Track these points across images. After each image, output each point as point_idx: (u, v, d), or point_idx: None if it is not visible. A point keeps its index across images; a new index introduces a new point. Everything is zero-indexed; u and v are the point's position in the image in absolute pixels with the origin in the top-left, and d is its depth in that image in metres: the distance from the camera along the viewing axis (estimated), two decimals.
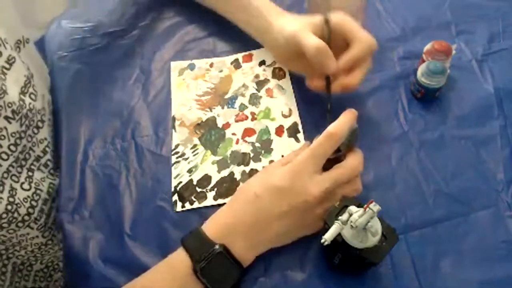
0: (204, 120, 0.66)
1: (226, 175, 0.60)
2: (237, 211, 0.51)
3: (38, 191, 0.62)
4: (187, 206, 0.58)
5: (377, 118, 0.65)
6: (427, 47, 0.65)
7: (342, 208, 0.48)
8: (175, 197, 0.59)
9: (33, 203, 0.62)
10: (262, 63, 0.71)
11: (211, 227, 0.51)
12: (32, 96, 0.62)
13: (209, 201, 0.58)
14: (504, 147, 0.61)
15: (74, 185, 0.62)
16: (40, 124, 0.63)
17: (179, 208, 0.59)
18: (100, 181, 0.62)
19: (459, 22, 0.73)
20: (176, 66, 0.72)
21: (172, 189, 0.60)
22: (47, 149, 0.65)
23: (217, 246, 0.48)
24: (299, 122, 0.64)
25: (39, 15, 0.67)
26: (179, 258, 0.49)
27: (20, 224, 0.60)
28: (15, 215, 0.59)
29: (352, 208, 0.45)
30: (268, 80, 0.69)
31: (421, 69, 0.63)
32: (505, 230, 0.55)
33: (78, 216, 0.60)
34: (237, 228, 0.50)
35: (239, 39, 0.74)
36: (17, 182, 0.60)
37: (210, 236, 0.49)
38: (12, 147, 0.57)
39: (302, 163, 0.50)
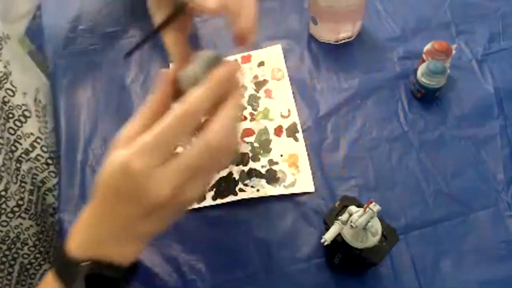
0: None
1: (224, 175, 0.60)
2: (93, 214, 0.41)
3: (23, 184, 0.63)
4: None
5: (377, 118, 0.64)
6: (427, 47, 0.65)
7: (342, 208, 0.48)
8: None
9: (21, 195, 0.62)
10: (261, 64, 0.71)
11: (74, 241, 0.41)
12: (9, 92, 0.61)
13: (208, 201, 0.58)
14: (504, 147, 0.61)
15: (74, 185, 0.62)
16: (22, 118, 0.63)
17: None
18: None
19: (459, 22, 0.73)
20: None
21: None
22: (35, 144, 0.65)
23: (83, 264, 0.39)
24: (298, 122, 0.64)
25: (15, 9, 0.66)
26: (51, 285, 0.41)
27: (10, 215, 0.61)
28: (3, 206, 0.59)
29: (352, 208, 0.45)
30: (267, 81, 0.69)
31: (421, 69, 0.63)
32: (505, 230, 0.55)
33: (78, 216, 0.60)
34: (99, 232, 0.40)
35: None
36: (9, 174, 0.60)
37: (75, 251, 0.39)
38: (0, 140, 0.58)
39: (137, 157, 0.35)
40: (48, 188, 0.68)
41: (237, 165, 0.61)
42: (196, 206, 0.58)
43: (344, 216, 0.45)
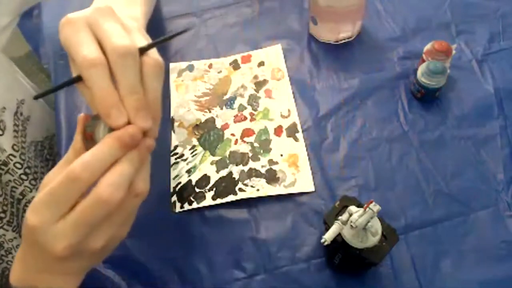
0: (203, 121, 0.66)
1: (224, 175, 0.60)
2: (21, 252, 0.42)
3: (5, 196, 0.62)
4: (186, 206, 0.58)
5: (377, 118, 0.64)
6: (427, 47, 0.65)
7: (342, 208, 0.48)
8: (174, 198, 0.59)
9: (4, 207, 0.61)
10: (261, 64, 0.71)
11: (15, 270, 0.42)
12: None
13: (208, 201, 0.58)
14: (504, 147, 0.61)
15: None
16: None
17: (178, 209, 0.58)
18: None
19: (459, 22, 0.73)
20: (174, 67, 0.72)
21: (171, 190, 0.60)
22: (9, 159, 0.63)
23: None
24: (298, 122, 0.64)
25: None
26: None
27: None
28: None
29: (352, 208, 0.45)
30: (267, 81, 0.69)
31: (421, 69, 0.63)
32: (505, 230, 0.55)
33: None
34: (29, 266, 0.41)
35: (238, 39, 0.74)
36: None
37: (15, 281, 0.41)
38: None
39: (32, 213, 0.36)
40: (28, 201, 0.67)
41: (237, 165, 0.61)
42: (196, 206, 0.58)
43: (344, 216, 0.45)
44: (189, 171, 0.61)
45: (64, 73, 0.73)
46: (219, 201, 0.58)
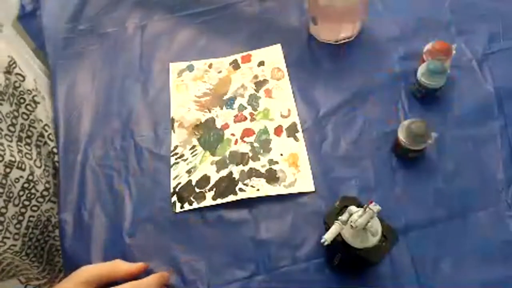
0: (203, 121, 0.66)
1: (224, 175, 0.60)
2: None
3: (47, 168, 0.63)
4: (186, 206, 0.58)
5: (377, 118, 0.64)
6: (427, 47, 0.65)
7: (342, 208, 0.47)
8: (174, 198, 0.59)
9: (47, 178, 0.62)
10: (261, 63, 0.71)
11: None
12: (19, 77, 0.62)
13: (208, 201, 0.58)
14: (504, 147, 0.61)
15: (74, 185, 0.62)
16: (32, 104, 0.63)
17: (178, 209, 0.58)
18: (99, 181, 0.62)
19: (459, 22, 0.73)
20: (175, 67, 0.72)
21: (171, 190, 0.60)
22: (43, 131, 0.65)
23: None
24: (298, 122, 0.64)
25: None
26: None
27: (40, 200, 0.61)
28: (33, 190, 0.60)
29: (352, 208, 0.45)
30: (267, 80, 0.69)
31: (421, 69, 0.63)
32: (505, 230, 0.55)
33: (78, 216, 0.60)
34: None
35: (238, 39, 0.74)
36: (30, 159, 0.60)
37: None
38: (11, 128, 0.59)
39: None
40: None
41: (237, 165, 0.61)
42: (196, 206, 0.58)
43: (344, 216, 0.45)
44: (189, 171, 0.61)
45: (64, 73, 0.73)
46: (219, 201, 0.58)
